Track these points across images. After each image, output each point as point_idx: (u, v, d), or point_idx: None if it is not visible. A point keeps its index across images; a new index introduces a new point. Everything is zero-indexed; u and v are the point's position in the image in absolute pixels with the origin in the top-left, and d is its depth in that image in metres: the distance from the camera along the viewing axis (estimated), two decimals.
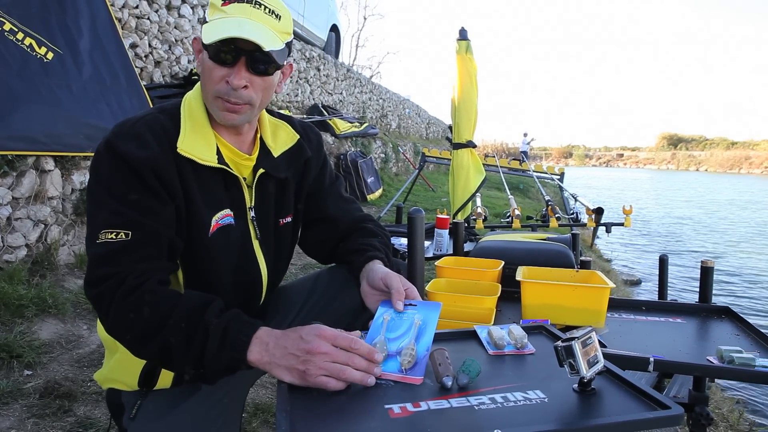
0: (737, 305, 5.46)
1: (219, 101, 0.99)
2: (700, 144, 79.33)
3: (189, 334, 0.86)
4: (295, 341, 0.83)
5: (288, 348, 0.82)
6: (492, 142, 35.37)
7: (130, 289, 0.87)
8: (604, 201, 13.01)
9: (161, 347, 0.87)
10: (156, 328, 0.86)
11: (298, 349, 0.82)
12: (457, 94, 4.29)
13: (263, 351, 0.84)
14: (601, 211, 4.05)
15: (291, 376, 0.82)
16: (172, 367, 0.94)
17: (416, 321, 0.95)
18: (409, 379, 0.85)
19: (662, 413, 0.73)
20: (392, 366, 0.87)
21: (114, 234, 0.90)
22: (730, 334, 1.47)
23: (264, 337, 0.85)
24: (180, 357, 0.86)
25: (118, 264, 0.89)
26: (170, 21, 4.34)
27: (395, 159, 10.45)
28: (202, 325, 0.86)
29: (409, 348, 0.89)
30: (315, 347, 0.81)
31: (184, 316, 0.87)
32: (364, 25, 28.93)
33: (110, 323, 0.90)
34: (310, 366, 0.80)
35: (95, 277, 0.90)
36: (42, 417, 1.66)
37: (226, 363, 0.85)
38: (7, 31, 2.64)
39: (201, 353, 0.85)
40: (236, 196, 1.06)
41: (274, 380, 2.01)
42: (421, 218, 1.65)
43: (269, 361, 0.83)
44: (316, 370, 0.80)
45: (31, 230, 2.58)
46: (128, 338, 0.90)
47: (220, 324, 0.86)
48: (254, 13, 0.97)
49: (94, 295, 0.90)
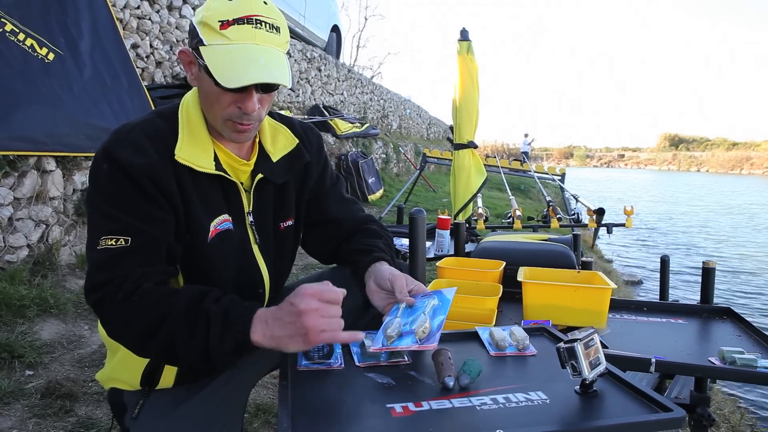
0: (739, 306, 5.46)
1: (229, 123, 0.98)
2: (702, 144, 79.30)
3: (190, 323, 0.86)
4: (287, 310, 0.85)
5: (284, 318, 0.85)
6: (493, 142, 35.44)
7: (128, 292, 0.88)
8: (605, 201, 13.02)
9: (165, 342, 0.87)
10: (157, 325, 0.87)
11: (291, 314, 0.84)
12: (458, 94, 4.29)
13: (265, 329, 0.86)
14: (602, 212, 4.05)
15: (296, 343, 0.84)
16: (178, 362, 0.94)
17: (431, 303, 0.99)
18: (424, 347, 0.89)
19: (664, 416, 0.73)
20: (407, 341, 0.91)
21: (114, 240, 0.90)
22: (732, 334, 1.47)
23: (263, 316, 0.87)
24: (185, 348, 0.87)
25: (117, 269, 0.90)
26: (171, 21, 4.34)
27: (396, 159, 10.45)
28: (202, 312, 0.87)
29: (423, 321, 0.93)
30: (304, 307, 0.83)
31: (183, 308, 0.88)
32: (365, 25, 28.99)
33: (111, 327, 0.91)
34: (308, 326, 0.83)
35: (95, 282, 0.90)
36: (43, 417, 1.66)
37: (230, 346, 0.86)
38: (9, 31, 2.65)
39: (205, 340, 0.86)
40: (234, 202, 1.06)
41: (275, 381, 2.01)
42: (423, 219, 1.65)
43: (272, 336, 0.85)
44: (315, 329, 0.83)
45: (32, 230, 2.58)
46: (131, 339, 0.90)
47: (219, 310, 0.87)
48: (258, 35, 0.93)
49: (94, 301, 0.91)
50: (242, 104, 0.95)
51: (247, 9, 0.92)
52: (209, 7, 0.94)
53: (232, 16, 0.91)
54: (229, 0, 0.92)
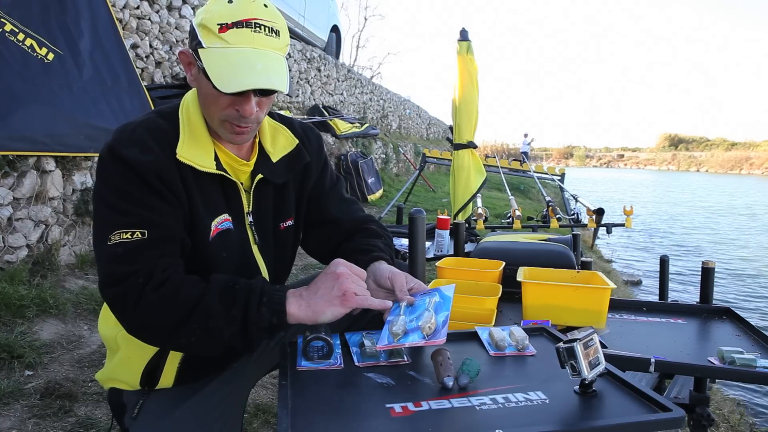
0: (738, 306, 5.46)
1: (227, 124, 0.99)
2: (701, 145, 79.30)
3: (228, 300, 0.89)
4: (321, 278, 0.94)
5: (318, 285, 0.93)
6: (492, 142, 35.45)
7: (160, 282, 0.88)
8: (605, 202, 13.01)
9: (201, 323, 0.87)
10: (193, 307, 0.87)
11: (327, 279, 0.93)
12: (458, 94, 4.29)
13: (299, 300, 0.91)
14: (601, 212, 4.06)
15: (333, 306, 0.90)
16: (210, 342, 0.90)
17: (432, 300, 0.99)
18: (433, 342, 0.90)
19: (663, 415, 0.73)
20: (414, 337, 0.91)
21: (129, 234, 0.90)
22: (731, 334, 1.48)
23: (295, 291, 0.93)
24: (222, 325, 0.87)
25: (138, 261, 0.89)
26: (171, 22, 4.34)
27: (396, 159, 10.45)
28: (239, 288, 0.91)
29: (429, 317, 0.93)
30: (341, 271, 0.93)
31: (219, 289, 0.90)
32: (364, 25, 28.94)
33: (140, 318, 0.88)
34: (345, 287, 0.91)
35: (114, 276, 0.89)
36: (43, 417, 1.66)
37: (268, 319, 0.89)
38: (8, 31, 2.65)
39: (244, 314, 0.88)
40: (234, 202, 1.06)
41: (274, 381, 2.01)
42: (422, 219, 1.65)
43: (308, 305, 0.91)
44: (351, 291, 0.91)
45: (32, 231, 2.58)
46: (164, 326, 0.88)
47: (255, 287, 0.91)
48: (257, 39, 0.92)
49: (116, 294, 0.88)
50: (240, 107, 0.95)
51: (247, 12, 0.92)
52: (209, 10, 0.93)
53: (231, 20, 0.91)
54: (229, 2, 0.92)
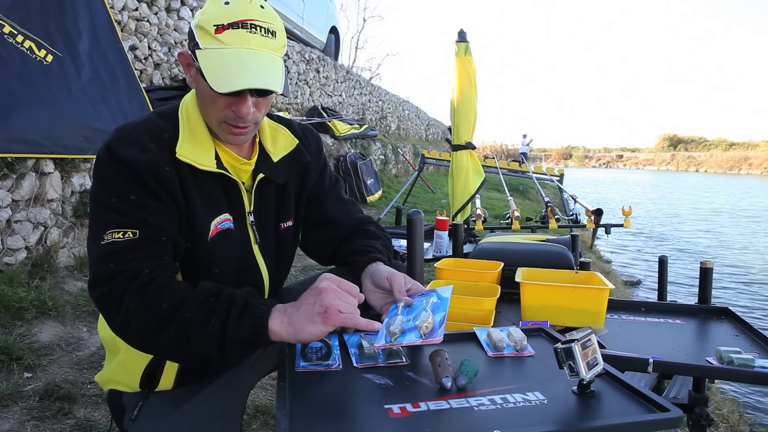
0: (736, 306, 5.46)
1: (224, 125, 0.99)
2: (700, 145, 79.36)
3: (208, 309, 0.86)
4: (306, 293, 0.89)
5: (302, 302, 0.88)
6: (491, 143, 35.41)
7: (144, 283, 0.87)
8: (605, 203, 13.02)
9: (179, 328, 0.85)
10: (171, 312, 0.85)
11: (310, 295, 0.88)
12: (457, 95, 4.30)
13: (283, 317, 0.87)
14: (600, 213, 4.06)
15: (315, 324, 0.85)
16: (188, 351, 0.87)
17: (430, 300, 0.99)
18: (429, 341, 0.89)
19: (661, 416, 0.73)
20: (411, 336, 0.91)
21: (121, 233, 0.90)
22: (730, 334, 1.48)
23: (281, 307, 0.89)
24: (200, 334, 0.85)
25: (126, 261, 0.88)
26: (170, 23, 4.34)
27: (395, 160, 10.45)
28: (222, 299, 0.88)
29: (426, 316, 0.93)
30: (324, 285, 0.88)
31: (200, 296, 0.88)
32: (363, 26, 29.01)
33: (121, 318, 0.87)
34: (327, 304, 0.85)
35: (102, 275, 0.88)
36: (42, 419, 1.66)
37: (248, 333, 0.85)
38: (7, 33, 2.65)
39: (223, 325, 0.85)
40: (235, 201, 1.06)
41: (273, 382, 2.01)
42: (421, 220, 1.66)
43: (290, 321, 0.86)
44: (334, 308, 0.85)
45: (30, 233, 2.58)
46: (142, 330, 0.87)
47: (239, 297, 0.88)
48: (253, 40, 0.93)
49: (102, 293, 0.88)
50: (236, 108, 0.96)
51: (243, 13, 0.92)
52: (206, 11, 0.94)
53: (227, 21, 0.92)
54: (225, 4, 0.93)
